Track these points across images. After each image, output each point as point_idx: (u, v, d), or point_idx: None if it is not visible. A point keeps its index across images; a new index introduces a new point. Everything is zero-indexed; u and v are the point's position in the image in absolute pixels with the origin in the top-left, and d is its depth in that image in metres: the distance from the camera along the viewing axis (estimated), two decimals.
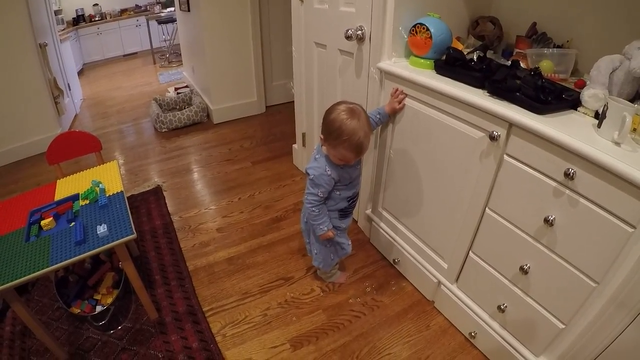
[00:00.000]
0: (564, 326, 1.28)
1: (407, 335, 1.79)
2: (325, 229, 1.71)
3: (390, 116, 1.79)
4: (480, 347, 1.70)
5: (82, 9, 7.57)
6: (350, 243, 1.91)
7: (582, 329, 1.21)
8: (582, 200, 1.11)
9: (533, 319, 1.38)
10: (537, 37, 1.65)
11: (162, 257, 2.27)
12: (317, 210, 1.67)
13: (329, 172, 1.60)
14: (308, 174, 1.63)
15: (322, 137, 1.57)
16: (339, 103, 1.55)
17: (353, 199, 1.77)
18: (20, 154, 3.59)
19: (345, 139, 1.47)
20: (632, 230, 1.01)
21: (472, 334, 1.70)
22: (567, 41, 1.58)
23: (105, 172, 1.99)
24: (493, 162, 1.35)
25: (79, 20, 7.51)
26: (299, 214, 2.17)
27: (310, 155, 2.42)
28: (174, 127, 4.02)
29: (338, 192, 1.69)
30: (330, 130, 1.50)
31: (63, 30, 6.41)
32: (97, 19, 7.79)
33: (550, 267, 1.26)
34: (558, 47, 1.58)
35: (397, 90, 1.71)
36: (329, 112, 1.54)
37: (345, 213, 1.79)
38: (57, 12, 6.39)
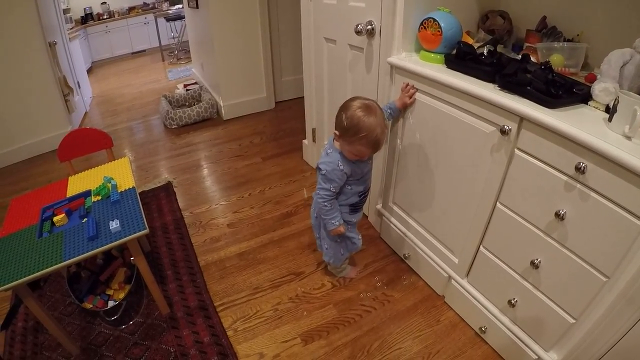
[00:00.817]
0: (574, 321, 1.28)
1: (417, 330, 1.80)
2: (337, 223, 1.71)
3: (401, 111, 1.79)
4: (491, 342, 1.70)
5: (90, 8, 7.59)
6: (360, 238, 1.91)
7: (592, 324, 1.21)
8: (593, 194, 1.10)
9: (543, 313, 1.38)
10: (547, 31, 1.64)
11: (173, 252, 2.29)
12: (328, 205, 1.67)
13: (341, 167, 1.60)
14: (320, 169, 1.63)
15: (337, 133, 1.57)
16: (353, 99, 1.54)
17: (364, 194, 1.77)
18: (31, 152, 3.62)
19: (363, 136, 1.47)
20: None
21: (483, 328, 1.70)
22: (578, 35, 1.57)
23: (117, 169, 2.00)
24: (504, 156, 1.35)
25: (87, 18, 7.54)
26: (309, 209, 2.18)
27: (320, 151, 2.42)
28: (184, 123, 4.03)
29: (350, 187, 1.70)
30: (347, 127, 1.49)
31: (72, 28, 6.45)
32: (105, 17, 7.82)
33: (561, 261, 1.25)
34: (568, 41, 1.56)
35: (407, 84, 1.71)
36: (344, 108, 1.53)
37: (356, 208, 1.79)
38: (65, 11, 6.41)
